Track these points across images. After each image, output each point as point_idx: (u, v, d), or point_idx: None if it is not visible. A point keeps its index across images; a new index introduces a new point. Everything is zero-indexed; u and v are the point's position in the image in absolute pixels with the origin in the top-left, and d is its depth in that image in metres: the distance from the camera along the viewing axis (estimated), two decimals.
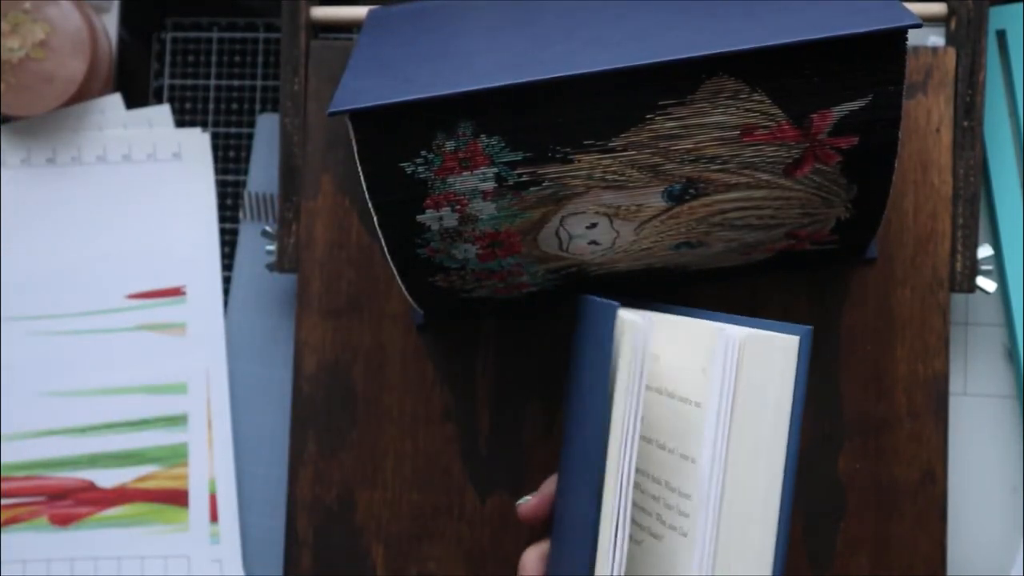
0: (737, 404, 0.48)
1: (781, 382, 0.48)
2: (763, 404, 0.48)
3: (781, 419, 0.48)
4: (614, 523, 0.47)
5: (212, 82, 0.76)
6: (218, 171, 0.75)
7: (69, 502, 0.72)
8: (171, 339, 0.73)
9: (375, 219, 0.55)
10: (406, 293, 0.59)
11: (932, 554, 0.64)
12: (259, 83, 0.76)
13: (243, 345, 0.73)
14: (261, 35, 0.76)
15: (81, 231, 0.74)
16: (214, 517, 0.72)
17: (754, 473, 0.48)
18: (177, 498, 0.72)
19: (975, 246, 0.65)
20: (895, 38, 0.50)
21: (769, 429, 0.48)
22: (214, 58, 0.76)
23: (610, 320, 0.47)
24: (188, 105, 0.76)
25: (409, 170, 0.53)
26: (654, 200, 0.54)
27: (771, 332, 0.48)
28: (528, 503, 0.56)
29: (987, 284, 0.65)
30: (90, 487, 0.72)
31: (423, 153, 0.53)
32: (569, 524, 0.52)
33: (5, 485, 0.72)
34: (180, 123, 0.75)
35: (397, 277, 0.58)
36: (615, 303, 0.47)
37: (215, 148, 0.75)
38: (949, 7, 0.66)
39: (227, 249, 0.74)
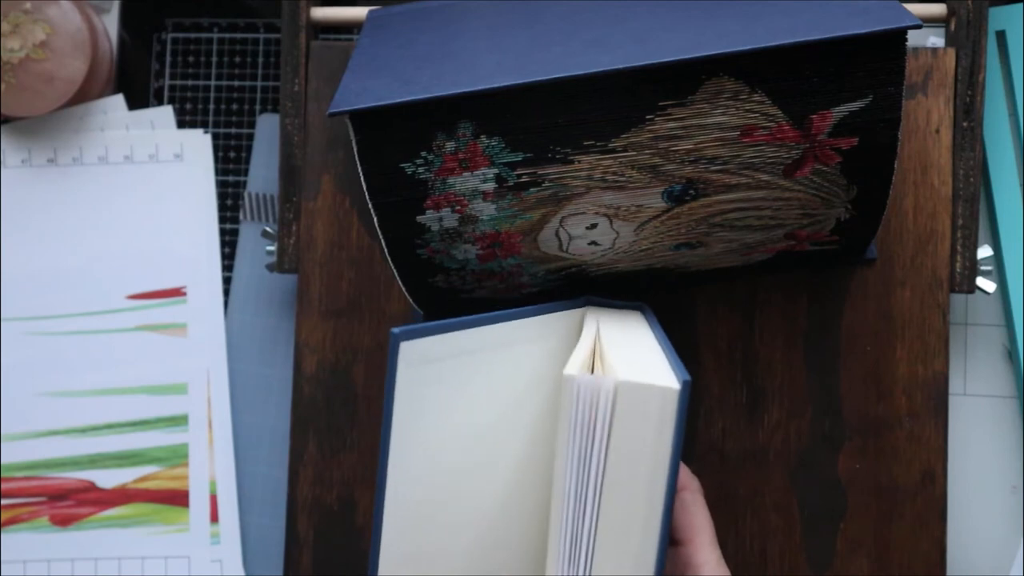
0: (608, 458, 0.46)
1: (657, 436, 0.45)
2: (636, 456, 0.46)
3: (658, 472, 0.46)
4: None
5: (212, 82, 0.76)
6: (218, 171, 0.75)
7: (70, 502, 0.72)
8: (171, 339, 0.73)
9: (375, 219, 0.55)
10: (406, 293, 0.59)
11: (932, 554, 0.64)
12: (259, 83, 0.76)
13: (243, 345, 0.73)
14: (261, 35, 0.76)
15: (82, 232, 0.74)
16: (214, 517, 0.72)
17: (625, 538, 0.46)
18: (177, 498, 0.72)
19: (975, 246, 0.65)
20: (895, 39, 0.50)
21: (644, 482, 0.46)
22: (214, 58, 0.76)
23: (394, 352, 0.45)
24: (188, 105, 0.76)
25: (409, 171, 0.53)
26: (654, 201, 0.54)
27: (647, 381, 0.46)
28: None
29: (987, 284, 0.65)
30: (91, 487, 0.72)
31: (423, 154, 0.53)
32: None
33: (6, 485, 0.72)
34: (180, 123, 0.75)
35: (397, 278, 0.59)
36: (397, 332, 0.44)
37: (215, 148, 0.75)
38: (949, 7, 0.66)
39: (227, 249, 0.74)
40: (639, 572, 0.46)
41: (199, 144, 0.74)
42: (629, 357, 0.50)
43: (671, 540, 0.53)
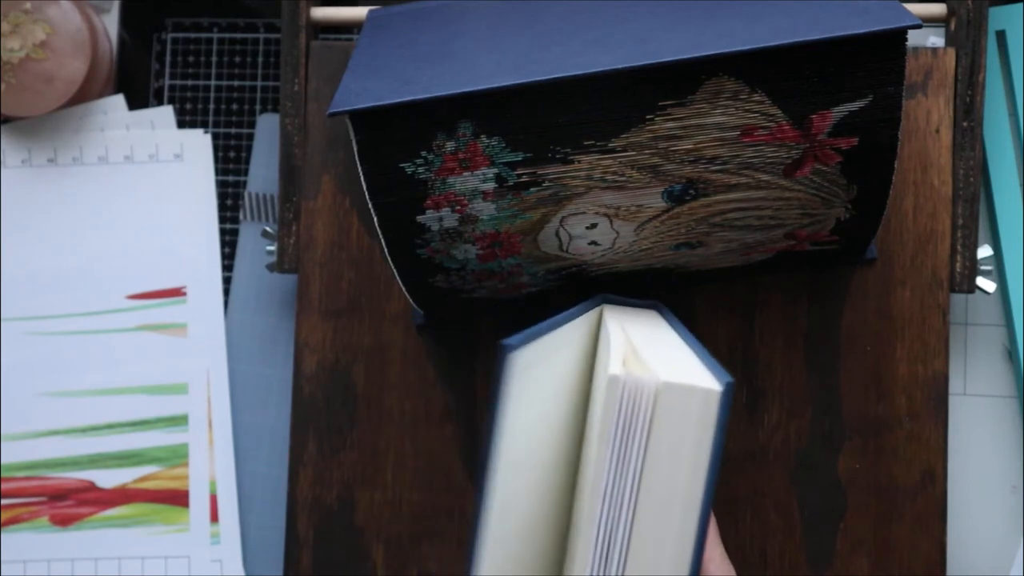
0: (647, 458, 0.46)
1: (697, 438, 0.45)
2: (675, 457, 0.45)
3: (697, 475, 0.45)
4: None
5: (212, 82, 0.76)
6: (218, 171, 0.75)
7: (70, 502, 0.72)
8: (172, 339, 0.73)
9: (375, 219, 0.55)
10: (406, 293, 0.59)
11: (932, 554, 0.64)
12: (259, 83, 0.76)
13: (243, 345, 0.73)
14: (261, 35, 0.76)
15: (82, 232, 0.74)
16: (214, 517, 0.72)
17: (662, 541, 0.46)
18: (177, 498, 0.72)
19: (975, 246, 0.65)
20: (895, 39, 0.50)
21: (683, 485, 0.45)
22: (214, 58, 0.76)
23: (504, 360, 0.44)
24: (188, 105, 0.76)
25: (409, 170, 0.53)
26: (654, 201, 0.54)
27: (689, 382, 0.45)
28: None
29: (987, 284, 0.65)
30: (91, 487, 0.72)
31: (423, 153, 0.53)
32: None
33: (6, 485, 0.72)
34: (180, 123, 0.76)
35: (397, 278, 0.59)
36: (508, 344, 0.44)
37: (215, 148, 0.75)
38: (949, 7, 0.66)
39: (227, 249, 0.74)
40: (675, 573, 0.46)
41: (199, 144, 0.74)
42: (665, 356, 0.49)
43: None
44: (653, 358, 0.48)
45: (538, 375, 0.48)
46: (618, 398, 0.45)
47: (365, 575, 0.66)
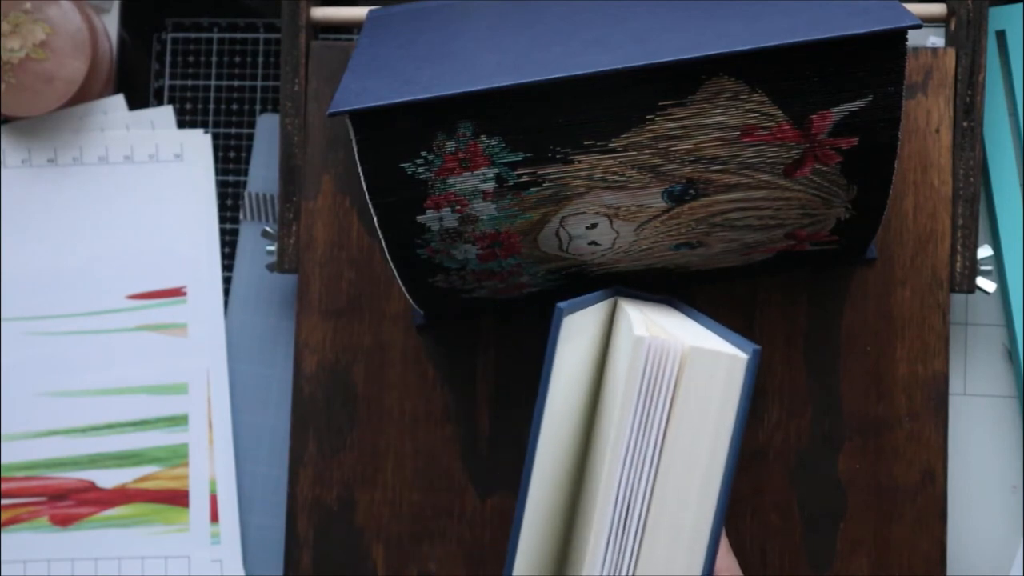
0: (671, 420, 0.46)
1: (722, 404, 0.45)
2: (700, 424, 0.46)
3: (720, 440, 0.46)
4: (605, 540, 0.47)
5: (212, 82, 0.76)
6: (218, 171, 0.75)
7: (70, 502, 0.72)
8: (172, 339, 0.73)
9: (375, 219, 0.55)
10: (406, 293, 0.59)
11: (932, 554, 0.64)
12: (259, 83, 0.76)
13: (243, 345, 0.73)
14: (261, 35, 0.76)
15: (82, 231, 0.74)
16: (214, 517, 0.72)
17: (683, 505, 0.46)
18: (177, 498, 0.72)
19: (975, 246, 0.65)
20: (895, 39, 0.50)
21: (706, 449, 0.46)
22: (214, 58, 0.76)
23: (558, 322, 0.46)
24: (188, 105, 0.76)
25: (409, 170, 0.53)
26: (654, 201, 0.54)
27: (717, 348, 0.46)
28: None
29: (987, 284, 0.65)
30: (91, 487, 0.72)
31: (423, 153, 0.53)
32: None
33: (5, 485, 0.72)
34: (180, 123, 0.76)
35: (397, 278, 0.59)
36: (562, 305, 0.46)
37: (215, 148, 0.75)
38: (949, 7, 0.66)
39: (227, 249, 0.74)
40: (695, 539, 0.46)
41: (199, 144, 0.74)
42: (689, 330, 0.50)
43: None
44: (680, 329, 0.49)
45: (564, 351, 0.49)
46: (643, 358, 0.45)
47: (365, 575, 0.66)
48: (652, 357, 0.46)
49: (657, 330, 0.49)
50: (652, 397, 0.46)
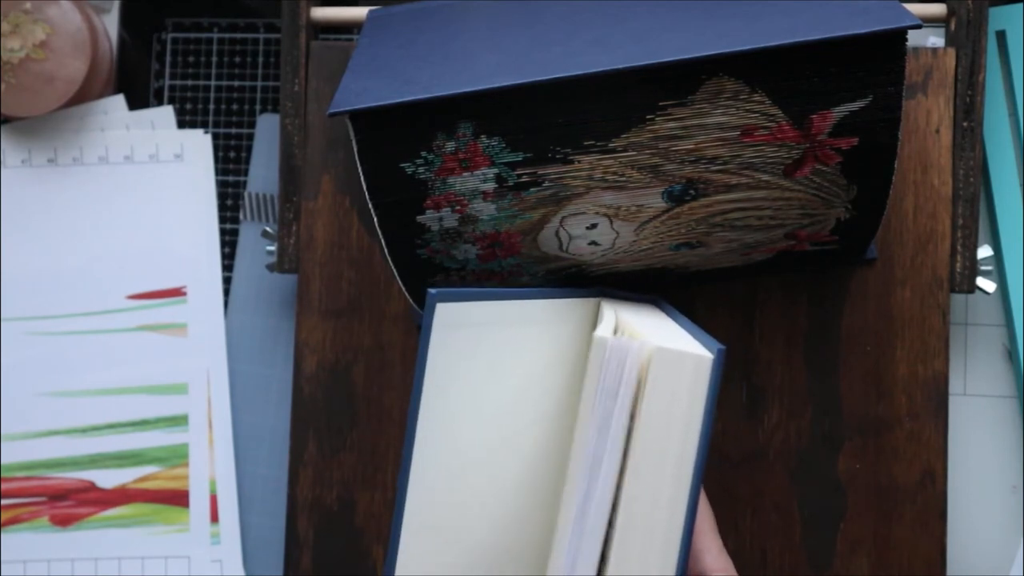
0: (637, 423, 0.46)
1: (689, 403, 0.46)
2: (671, 418, 0.46)
3: (689, 440, 0.46)
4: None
5: (212, 82, 0.76)
6: (218, 171, 0.75)
7: (70, 502, 0.72)
8: (172, 339, 0.73)
9: (375, 219, 0.55)
10: (406, 293, 0.59)
11: (932, 554, 0.64)
12: (259, 83, 0.76)
13: (243, 345, 0.73)
14: (261, 35, 0.76)
15: (82, 231, 0.74)
16: (214, 517, 0.72)
17: (654, 506, 0.46)
18: (177, 498, 0.72)
19: (975, 246, 0.65)
20: (895, 39, 0.50)
21: (675, 449, 0.46)
22: (214, 58, 0.76)
23: (430, 312, 0.46)
24: (188, 105, 0.76)
25: (409, 170, 0.53)
26: (654, 201, 0.54)
27: (682, 348, 0.46)
28: None
29: (987, 284, 0.65)
30: (91, 487, 0.72)
31: (423, 154, 0.53)
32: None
33: (6, 485, 0.72)
34: (180, 123, 0.76)
35: (397, 278, 0.59)
36: (434, 293, 0.45)
37: (215, 148, 0.75)
38: (949, 7, 0.66)
39: (227, 249, 0.74)
40: (667, 539, 0.46)
41: (199, 144, 0.74)
42: (659, 330, 0.50)
43: None
44: (647, 330, 0.49)
45: (494, 346, 0.49)
46: (602, 359, 0.46)
47: (365, 575, 0.66)
48: (611, 357, 0.46)
49: (628, 330, 0.49)
50: (613, 398, 0.46)
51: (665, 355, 0.45)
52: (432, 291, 0.45)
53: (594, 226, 0.55)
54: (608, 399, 0.46)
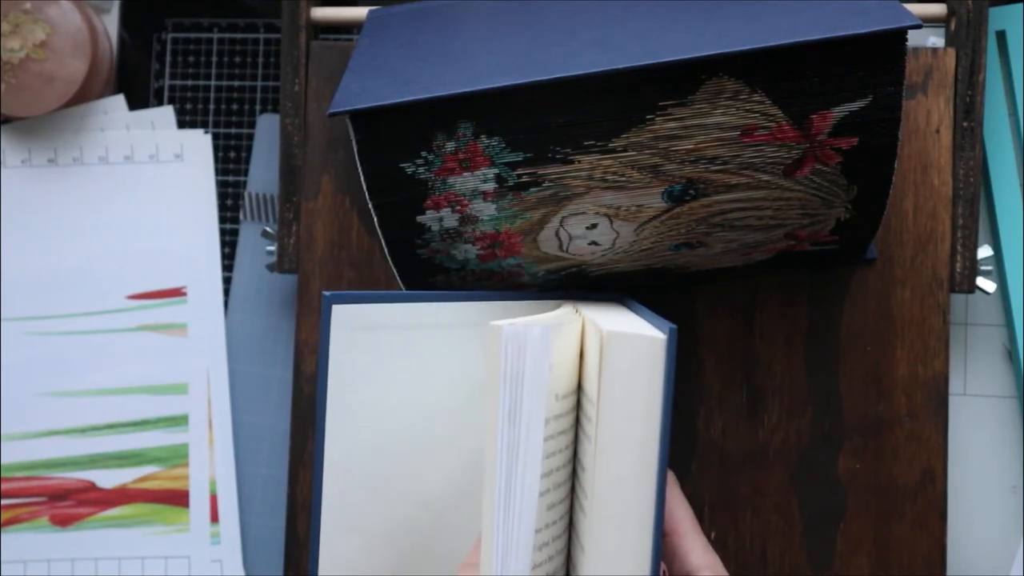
0: (602, 400, 0.46)
1: (648, 380, 0.46)
2: (630, 401, 0.46)
3: (651, 421, 0.46)
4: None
5: (212, 83, 0.76)
6: (218, 171, 0.75)
7: (70, 502, 0.72)
8: (172, 339, 0.73)
9: (375, 219, 0.55)
10: None
11: (932, 554, 0.64)
12: (259, 83, 0.76)
13: (243, 345, 0.73)
14: (261, 35, 0.76)
15: (82, 231, 0.74)
16: (214, 517, 0.72)
17: (625, 475, 0.46)
18: (178, 498, 0.72)
19: (975, 246, 0.65)
20: (895, 39, 0.50)
21: (639, 424, 0.46)
22: (214, 58, 0.76)
23: (327, 313, 0.47)
24: (188, 106, 0.76)
25: (409, 170, 0.53)
26: (654, 201, 0.54)
27: (634, 331, 0.46)
28: None
29: (987, 284, 0.65)
30: (91, 487, 0.72)
31: (423, 153, 0.53)
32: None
33: (6, 485, 0.72)
34: (180, 123, 0.76)
35: (397, 278, 0.59)
36: (328, 295, 0.46)
37: (215, 148, 0.75)
38: (949, 7, 0.66)
39: (227, 249, 0.74)
40: (641, 516, 0.46)
41: (199, 144, 0.74)
42: (614, 319, 0.50)
43: None
44: (602, 319, 0.49)
45: (417, 348, 0.49)
46: (501, 348, 0.44)
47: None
48: (510, 343, 0.44)
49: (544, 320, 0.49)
50: (519, 384, 0.45)
51: (618, 339, 0.45)
52: (326, 294, 0.47)
53: (594, 226, 0.55)
54: (514, 386, 0.45)
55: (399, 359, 0.50)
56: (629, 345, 0.45)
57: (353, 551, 0.50)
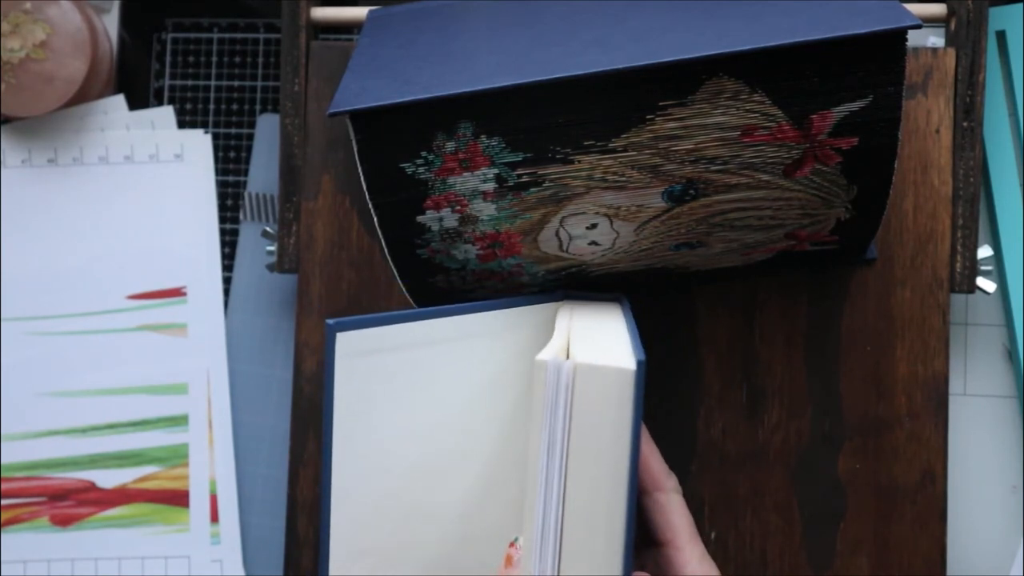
0: (571, 437, 0.46)
1: (616, 416, 0.45)
2: (597, 436, 0.46)
3: (620, 452, 0.46)
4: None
5: (212, 83, 0.76)
6: (218, 171, 0.75)
7: (70, 502, 0.72)
8: (172, 339, 0.73)
9: (375, 219, 0.55)
10: (406, 294, 0.59)
11: (932, 554, 0.64)
12: (259, 83, 0.76)
13: (243, 345, 0.73)
14: (261, 35, 0.76)
15: (82, 231, 0.74)
16: (214, 517, 0.72)
17: (593, 513, 0.46)
18: (178, 498, 0.72)
19: (975, 246, 0.65)
20: (895, 39, 0.50)
21: (608, 462, 0.46)
22: (214, 58, 0.76)
23: (331, 341, 0.46)
24: (188, 106, 0.76)
25: (409, 170, 0.53)
26: (654, 201, 0.54)
27: (604, 363, 0.46)
28: None
29: (987, 284, 0.65)
30: (91, 487, 0.72)
31: (423, 154, 0.53)
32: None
33: (6, 485, 0.72)
34: (180, 123, 0.76)
35: (397, 278, 0.59)
36: (332, 324, 0.46)
37: (215, 148, 0.75)
38: (949, 7, 0.66)
39: (227, 250, 0.74)
40: (610, 551, 0.46)
41: (199, 144, 0.74)
42: (593, 341, 0.50)
43: (652, 542, 0.53)
44: (581, 343, 0.49)
45: (423, 367, 0.49)
46: (543, 380, 0.46)
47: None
48: (551, 378, 0.46)
49: (574, 341, 0.49)
50: (556, 418, 0.46)
51: (587, 371, 0.46)
52: (329, 322, 0.46)
53: (594, 226, 0.55)
54: (553, 419, 0.46)
55: (403, 379, 0.50)
56: (599, 377, 0.46)
57: (365, 573, 0.50)
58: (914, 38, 0.70)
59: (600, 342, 0.50)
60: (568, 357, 0.48)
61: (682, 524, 0.52)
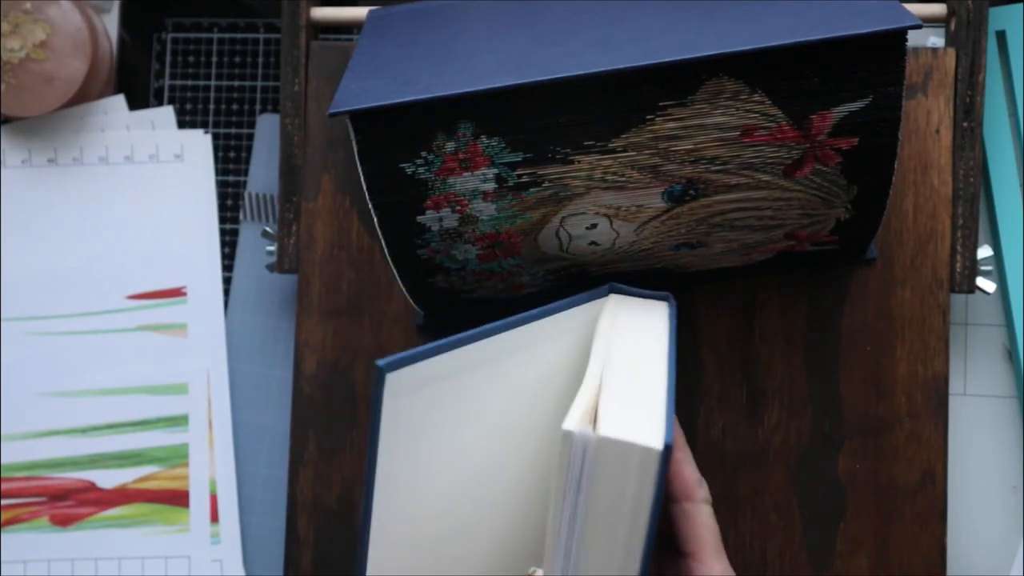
0: (588, 508, 0.45)
1: (638, 490, 0.44)
2: (616, 509, 0.45)
3: (637, 527, 0.45)
4: None
5: (212, 82, 0.76)
6: (218, 171, 0.75)
7: (70, 502, 0.72)
8: (172, 340, 0.73)
9: (375, 219, 0.55)
10: (406, 294, 0.59)
11: (932, 554, 0.64)
12: (259, 83, 0.76)
13: (243, 345, 0.73)
14: (261, 35, 0.76)
15: (82, 231, 0.74)
16: (214, 517, 0.72)
17: None
18: (178, 498, 0.72)
19: (975, 246, 0.65)
20: (895, 39, 0.50)
21: (623, 535, 0.45)
22: (214, 58, 0.76)
23: (379, 383, 0.44)
24: (188, 106, 0.76)
25: (409, 171, 0.53)
26: (654, 201, 0.54)
27: (630, 440, 0.44)
28: None
29: (987, 284, 0.65)
30: (91, 487, 0.72)
31: (423, 154, 0.53)
32: None
33: (6, 485, 0.72)
34: (180, 123, 0.76)
35: (397, 278, 0.59)
36: (380, 364, 0.44)
37: (215, 148, 0.75)
38: (949, 7, 0.66)
39: (227, 250, 0.74)
40: None
41: (199, 144, 0.74)
42: (626, 394, 0.48)
43: (677, 551, 0.53)
44: (611, 402, 0.47)
45: (471, 388, 0.48)
46: (569, 454, 0.45)
47: None
48: (576, 452, 0.45)
49: (591, 408, 0.48)
50: (575, 492, 0.45)
51: (612, 445, 0.44)
52: (379, 363, 0.43)
53: (594, 226, 0.55)
54: (573, 490, 0.45)
55: (447, 409, 0.48)
56: (621, 455, 0.44)
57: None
58: (914, 38, 0.70)
59: (632, 395, 0.48)
60: (595, 422, 0.46)
61: (708, 537, 0.52)
